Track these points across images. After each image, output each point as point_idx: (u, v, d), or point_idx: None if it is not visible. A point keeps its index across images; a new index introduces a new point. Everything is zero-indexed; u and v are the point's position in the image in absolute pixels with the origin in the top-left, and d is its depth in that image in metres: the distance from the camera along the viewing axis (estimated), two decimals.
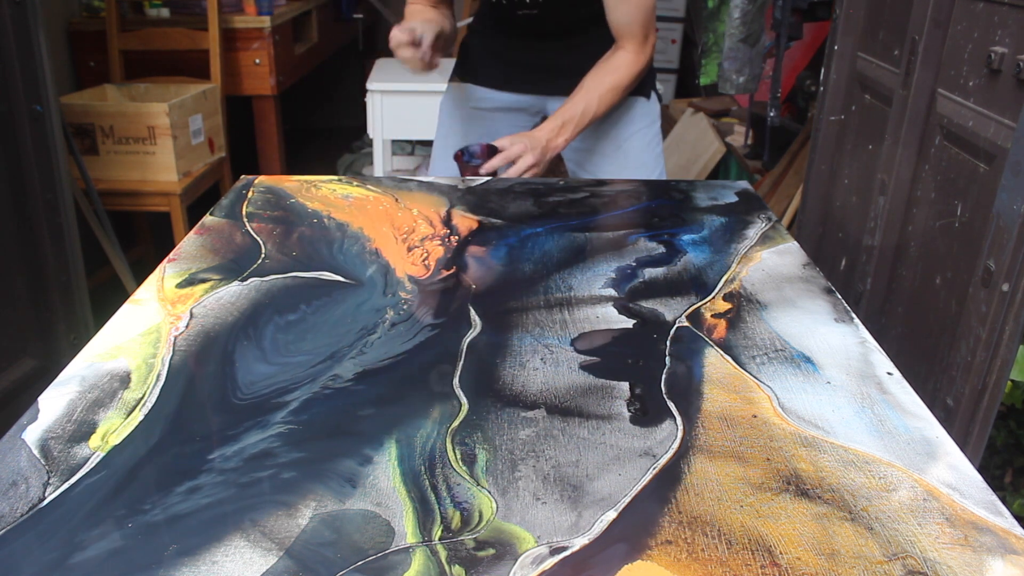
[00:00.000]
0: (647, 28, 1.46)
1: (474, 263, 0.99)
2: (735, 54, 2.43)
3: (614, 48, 1.49)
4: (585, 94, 1.46)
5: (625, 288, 0.93)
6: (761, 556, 0.54)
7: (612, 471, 0.62)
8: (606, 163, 1.62)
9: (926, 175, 1.30)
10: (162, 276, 0.93)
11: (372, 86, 2.61)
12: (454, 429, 0.67)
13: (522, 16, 1.51)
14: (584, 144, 1.62)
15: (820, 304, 0.90)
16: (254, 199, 1.17)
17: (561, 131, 1.45)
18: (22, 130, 1.62)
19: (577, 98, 1.46)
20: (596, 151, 1.63)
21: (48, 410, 0.68)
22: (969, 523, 0.57)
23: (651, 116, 1.63)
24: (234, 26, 2.81)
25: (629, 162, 1.61)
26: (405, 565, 0.53)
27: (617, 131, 1.60)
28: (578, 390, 0.73)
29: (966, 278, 1.14)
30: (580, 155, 1.65)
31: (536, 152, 1.41)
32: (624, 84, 1.48)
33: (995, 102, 1.10)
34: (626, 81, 1.48)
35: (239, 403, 0.70)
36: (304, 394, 0.72)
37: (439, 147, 1.69)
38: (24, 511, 0.57)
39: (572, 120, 1.45)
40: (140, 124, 2.29)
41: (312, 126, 4.56)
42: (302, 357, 0.78)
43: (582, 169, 1.66)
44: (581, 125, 1.46)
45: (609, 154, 1.62)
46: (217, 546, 0.54)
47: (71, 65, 2.81)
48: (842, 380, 0.75)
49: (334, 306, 0.88)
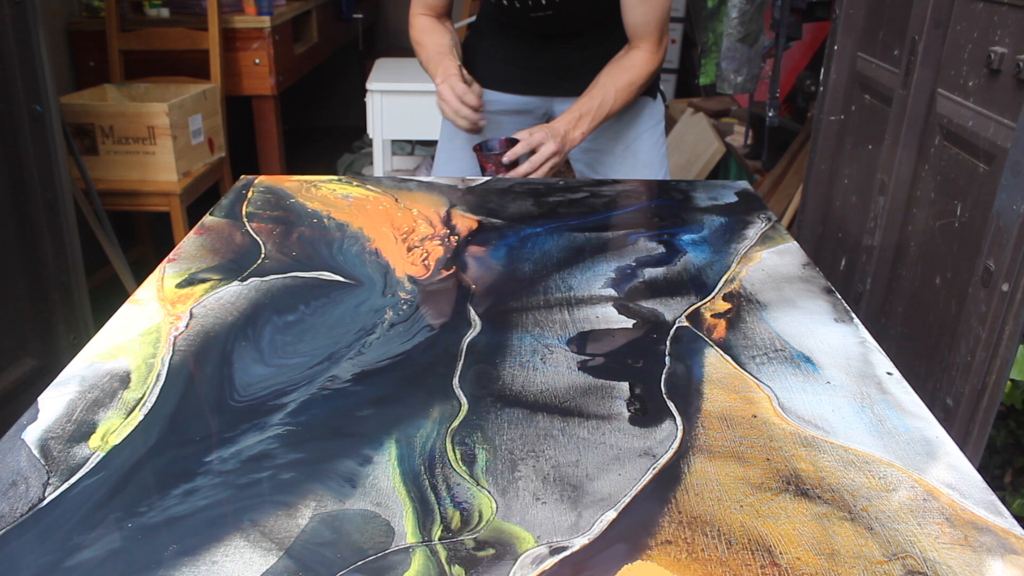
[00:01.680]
0: (663, 29, 1.46)
1: (474, 263, 0.99)
2: (733, 54, 2.43)
3: (628, 47, 1.48)
4: (602, 89, 1.45)
5: (625, 288, 0.93)
6: (761, 556, 0.54)
7: (612, 471, 0.62)
8: (617, 163, 1.62)
9: (926, 175, 1.30)
10: (162, 276, 0.93)
11: (372, 86, 2.61)
12: (454, 429, 0.67)
13: (536, 18, 1.49)
14: (594, 145, 1.62)
15: (820, 304, 0.90)
16: (254, 199, 1.17)
17: (579, 123, 1.43)
18: (22, 130, 1.62)
19: (594, 92, 1.45)
20: (606, 151, 1.63)
21: (48, 410, 0.68)
22: (969, 523, 0.57)
23: (657, 116, 1.63)
24: (234, 26, 2.81)
25: (639, 162, 1.61)
26: (405, 565, 0.53)
27: (627, 132, 1.61)
28: (578, 390, 0.73)
29: (966, 278, 1.14)
30: (590, 156, 1.65)
31: (557, 141, 1.40)
32: (639, 82, 1.48)
33: (995, 102, 1.10)
34: (641, 79, 1.48)
35: (238, 404, 0.70)
36: (303, 395, 0.72)
37: (443, 150, 1.68)
38: (24, 511, 0.57)
39: (590, 113, 1.43)
40: (140, 124, 2.29)
41: (312, 126, 4.56)
42: (300, 358, 0.78)
43: (592, 171, 1.67)
44: (598, 119, 1.45)
45: (619, 154, 1.62)
46: (217, 546, 0.54)
47: (71, 65, 2.81)
48: (842, 380, 0.75)
49: (333, 306, 0.88)
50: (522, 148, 1.38)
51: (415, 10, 1.56)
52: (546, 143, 1.38)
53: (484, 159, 1.39)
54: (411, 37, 1.56)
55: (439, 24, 1.56)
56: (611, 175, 1.62)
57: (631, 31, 1.46)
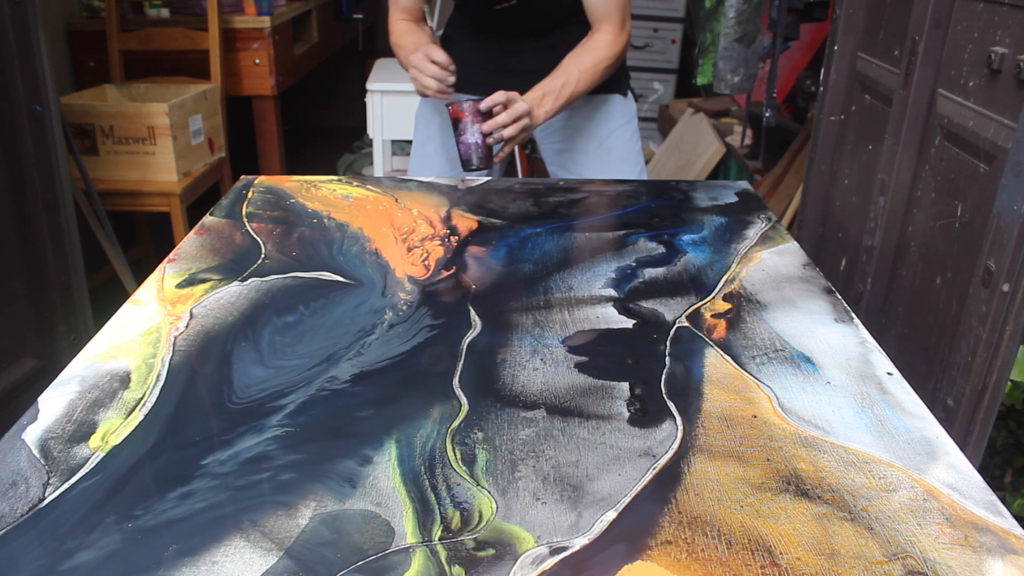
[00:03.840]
0: (624, 12, 1.47)
1: (474, 263, 0.99)
2: (730, 54, 2.44)
3: (591, 32, 1.48)
4: (564, 70, 1.43)
5: (625, 288, 0.93)
6: (761, 556, 0.54)
7: (612, 471, 0.62)
8: (589, 161, 1.61)
9: (926, 175, 1.30)
10: (162, 276, 0.93)
11: (372, 86, 2.61)
12: (454, 429, 0.67)
13: (500, 11, 1.49)
14: (565, 144, 1.61)
15: (820, 304, 0.90)
16: (254, 199, 1.17)
17: (543, 102, 1.41)
18: (22, 130, 1.62)
19: (557, 72, 1.43)
20: (578, 149, 1.62)
21: (48, 410, 0.68)
22: (969, 523, 0.57)
23: (629, 114, 1.63)
24: (234, 26, 2.81)
25: (612, 159, 1.60)
26: (405, 565, 0.53)
27: (598, 128, 1.60)
28: (578, 390, 0.73)
29: (966, 278, 1.14)
30: (562, 156, 1.64)
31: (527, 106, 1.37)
32: (603, 64, 1.45)
33: (995, 102, 1.10)
34: (605, 61, 1.45)
35: (237, 406, 0.70)
36: (302, 396, 0.72)
37: (417, 155, 1.68)
38: (24, 511, 0.57)
39: (553, 92, 1.41)
40: (140, 124, 2.29)
41: (312, 126, 4.56)
42: (300, 360, 0.78)
43: (564, 170, 1.65)
44: (562, 98, 1.42)
45: (592, 151, 1.61)
46: (217, 546, 0.54)
47: (71, 65, 2.81)
48: (842, 380, 0.75)
49: (333, 307, 0.88)
50: (500, 96, 1.36)
51: (394, 16, 1.58)
52: (518, 102, 1.36)
53: (458, 110, 1.36)
54: (392, 42, 1.57)
55: (417, 27, 1.57)
56: (585, 173, 1.61)
57: (592, 14, 1.46)
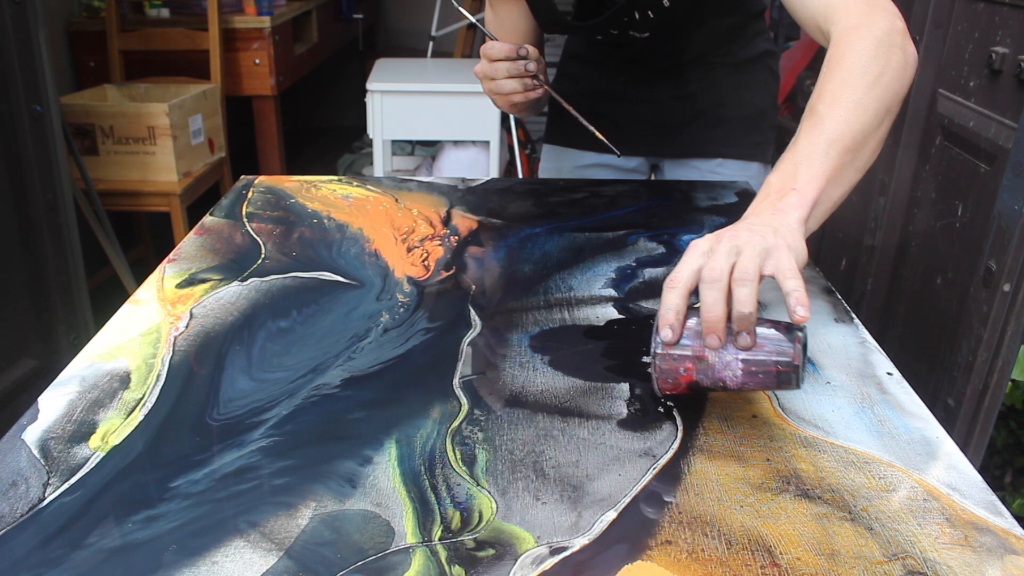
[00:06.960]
0: None
1: (474, 263, 0.99)
2: None
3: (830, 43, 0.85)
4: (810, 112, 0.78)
5: (625, 288, 0.93)
6: (761, 556, 0.54)
7: (612, 471, 0.62)
8: None
9: (927, 175, 1.30)
10: (162, 276, 0.93)
11: (372, 86, 2.61)
12: (454, 429, 0.67)
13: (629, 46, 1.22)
14: None
15: (820, 304, 0.90)
16: (254, 199, 1.17)
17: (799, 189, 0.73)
18: (22, 130, 1.62)
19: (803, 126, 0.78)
20: None
21: (48, 410, 0.68)
22: (969, 523, 0.57)
23: None
24: (234, 26, 2.81)
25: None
26: (405, 565, 0.53)
27: None
28: (578, 390, 0.73)
29: (967, 278, 1.14)
30: None
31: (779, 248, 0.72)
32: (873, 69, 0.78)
33: (996, 102, 1.10)
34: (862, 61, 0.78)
35: (237, 406, 0.70)
36: (303, 396, 0.72)
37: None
38: (24, 511, 0.57)
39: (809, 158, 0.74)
40: (140, 124, 2.29)
41: (312, 126, 4.56)
42: (302, 360, 0.78)
43: None
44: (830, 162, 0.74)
45: None
46: (217, 547, 0.54)
47: (71, 65, 2.81)
48: (842, 380, 0.75)
49: (331, 308, 0.87)
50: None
51: None
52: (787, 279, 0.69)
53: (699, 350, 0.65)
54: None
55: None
56: None
57: (815, 15, 0.88)
